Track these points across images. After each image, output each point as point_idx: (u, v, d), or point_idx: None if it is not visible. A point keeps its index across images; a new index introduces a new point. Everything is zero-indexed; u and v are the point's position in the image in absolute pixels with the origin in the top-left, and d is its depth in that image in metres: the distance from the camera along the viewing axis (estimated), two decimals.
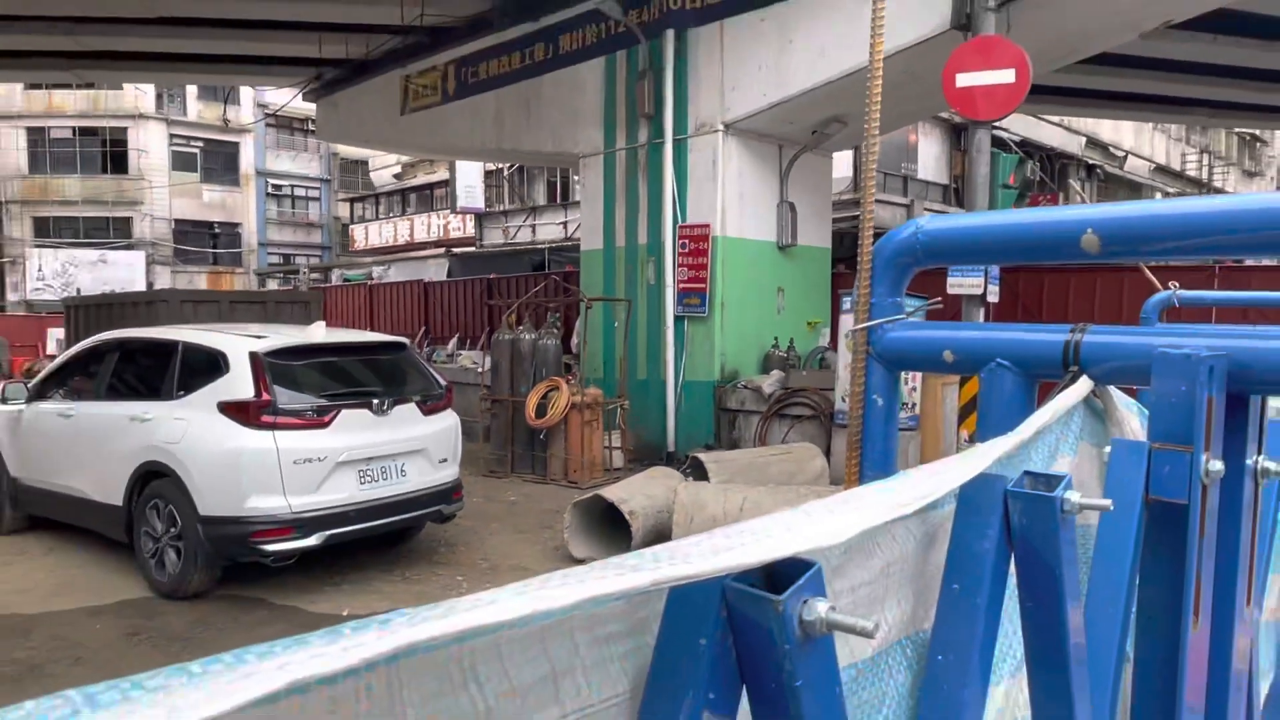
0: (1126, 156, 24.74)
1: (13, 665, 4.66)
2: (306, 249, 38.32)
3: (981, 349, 1.29)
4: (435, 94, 13.58)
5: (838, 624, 0.55)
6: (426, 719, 0.45)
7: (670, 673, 0.55)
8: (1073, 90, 14.57)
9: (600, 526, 6.80)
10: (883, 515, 0.60)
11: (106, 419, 6.26)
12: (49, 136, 33.69)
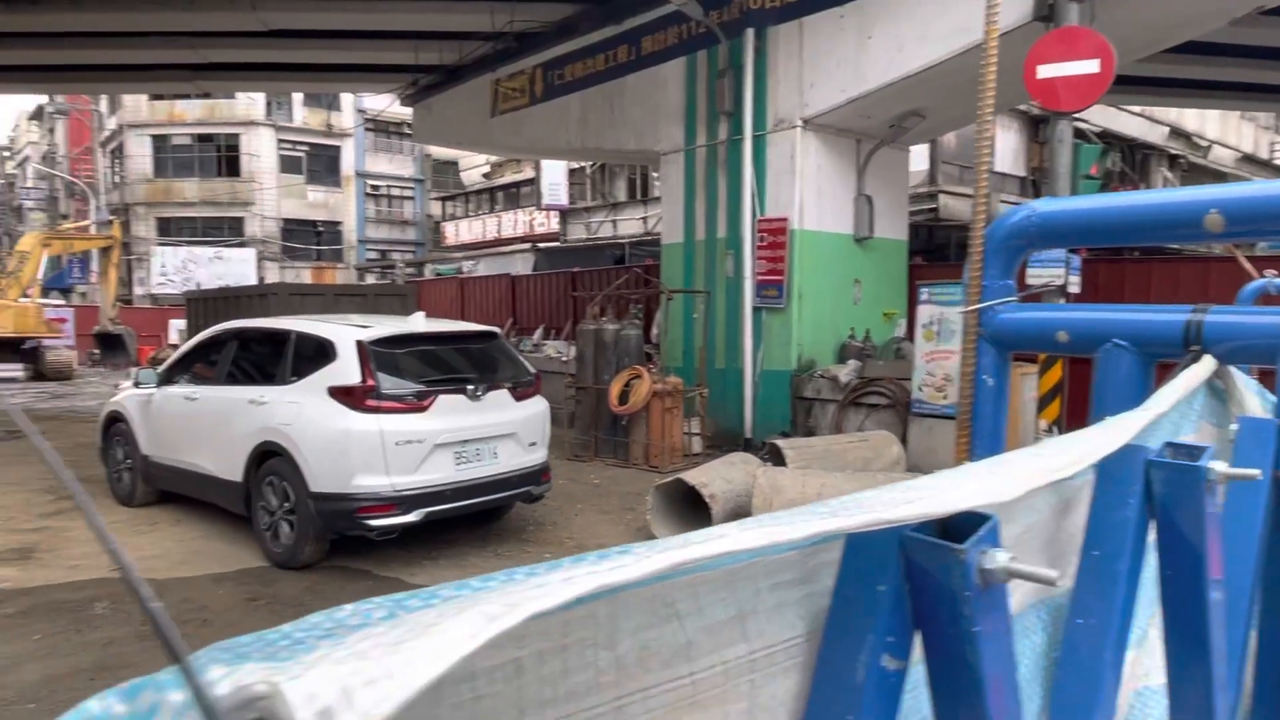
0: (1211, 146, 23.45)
1: (146, 624, 4.88)
2: (402, 245, 39.20)
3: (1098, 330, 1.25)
4: (523, 96, 13.73)
5: (1019, 572, 0.54)
6: (639, 648, 0.47)
7: (849, 616, 0.56)
8: (1157, 80, 13.89)
9: (680, 509, 6.81)
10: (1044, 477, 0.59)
11: (227, 402, 6.46)
12: (171, 143, 35.21)
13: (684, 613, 0.49)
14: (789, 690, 0.57)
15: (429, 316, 7.04)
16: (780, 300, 10.02)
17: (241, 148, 35.21)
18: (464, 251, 32.53)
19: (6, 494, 7.99)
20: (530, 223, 28.97)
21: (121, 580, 0.34)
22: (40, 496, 7.86)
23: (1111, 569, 0.79)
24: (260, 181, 35.16)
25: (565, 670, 0.43)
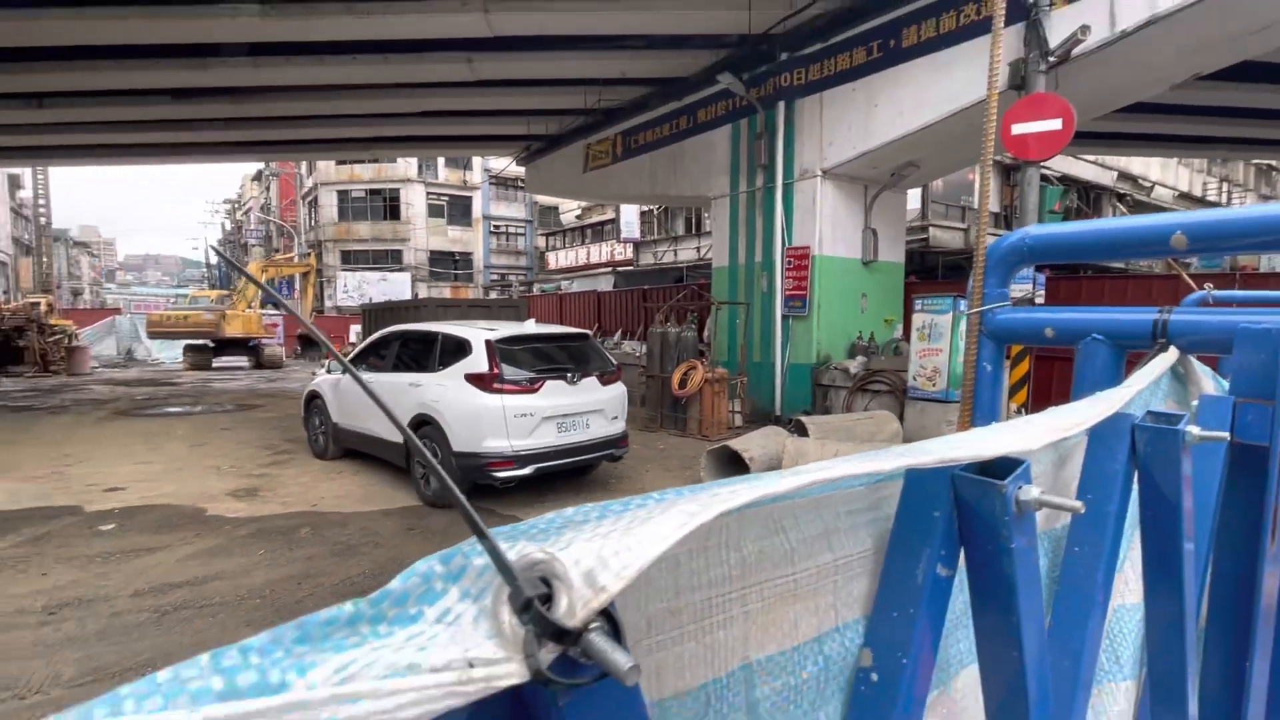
0: (1154, 186, 22.18)
1: (338, 545, 5.00)
2: (515, 269, 39.78)
3: (1079, 326, 1.20)
4: (608, 157, 13.77)
5: (1048, 503, 0.53)
6: (757, 552, 0.47)
7: (910, 535, 0.55)
8: (1109, 134, 13.18)
9: (727, 468, 6.76)
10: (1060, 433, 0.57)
11: (393, 384, 6.58)
12: (350, 196, 36.35)
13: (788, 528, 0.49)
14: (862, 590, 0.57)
15: (538, 322, 7.12)
16: (803, 310, 9.85)
17: (401, 199, 36.16)
18: (561, 274, 32.89)
19: (239, 449, 8.35)
20: (611, 252, 29.09)
21: (459, 507, 0.36)
22: (262, 452, 8.18)
23: (1102, 510, 0.76)
24: (413, 223, 36.07)
25: (706, 565, 0.44)
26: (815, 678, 0.52)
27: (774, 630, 0.49)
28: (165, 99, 12.30)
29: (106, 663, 3.30)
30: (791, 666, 0.51)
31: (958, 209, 17.70)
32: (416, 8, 9.16)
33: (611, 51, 10.62)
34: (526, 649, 0.32)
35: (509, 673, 0.31)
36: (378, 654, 0.30)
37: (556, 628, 0.32)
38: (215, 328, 20.56)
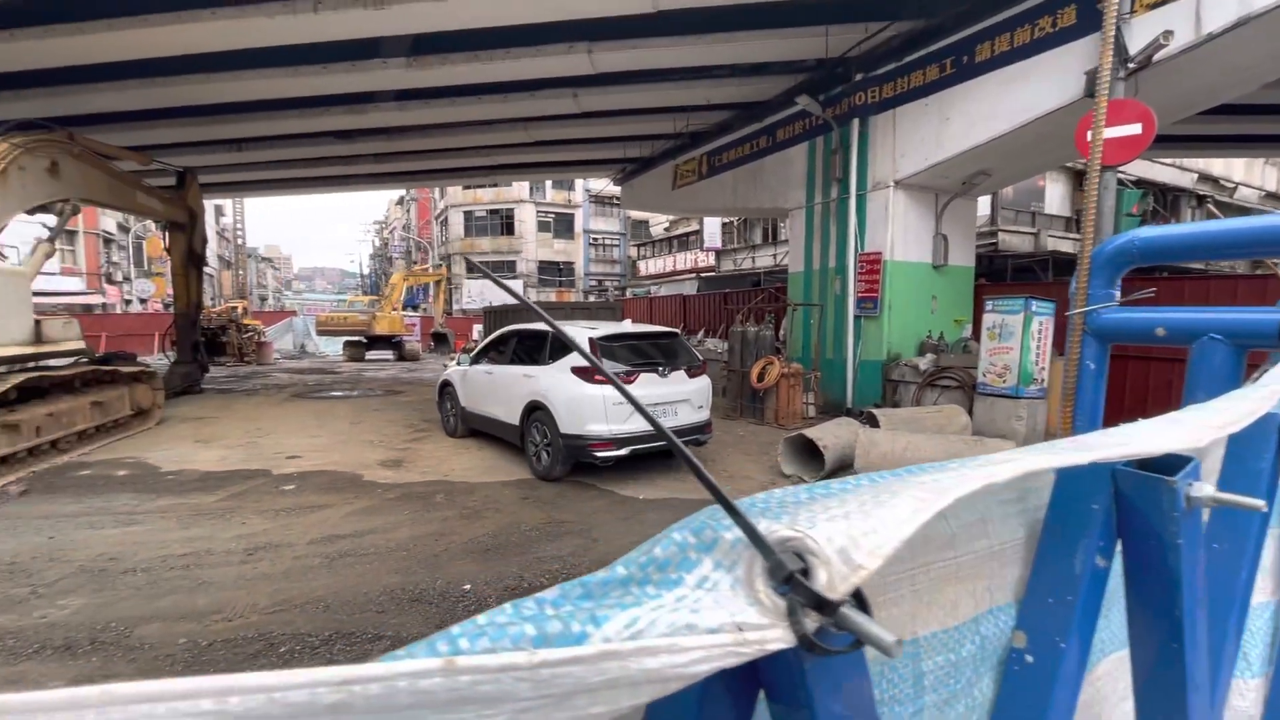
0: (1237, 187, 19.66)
1: (466, 509, 5.19)
2: (610, 276, 40.33)
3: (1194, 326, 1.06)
4: (694, 175, 13.67)
5: (1225, 500, 0.47)
6: (923, 536, 0.44)
7: (1065, 525, 0.50)
8: (1190, 136, 11.81)
9: (801, 455, 6.57)
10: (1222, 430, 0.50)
11: (510, 375, 6.79)
12: (474, 216, 38.02)
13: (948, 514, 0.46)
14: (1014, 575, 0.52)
15: (634, 322, 7.17)
16: (875, 311, 9.42)
17: (515, 216, 37.45)
18: (651, 279, 33.03)
19: (387, 427, 8.89)
20: (695, 260, 28.93)
21: (707, 488, 0.37)
22: (404, 430, 8.66)
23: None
24: (525, 237, 37.27)
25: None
26: (973, 655, 0.49)
27: (937, 610, 0.46)
28: (331, 140, 13.26)
29: (290, 596, 3.59)
30: (952, 644, 0.47)
31: (1027, 214, 16.40)
32: (531, 53, 9.40)
33: (698, 81, 10.52)
34: (790, 617, 0.32)
35: (776, 638, 0.32)
36: (656, 614, 0.30)
37: (819, 599, 0.32)
38: (367, 327, 22.01)
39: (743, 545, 0.33)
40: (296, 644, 3.08)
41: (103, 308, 28.94)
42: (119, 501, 5.30)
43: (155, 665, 2.87)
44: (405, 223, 49.45)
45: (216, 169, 14.92)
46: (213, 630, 3.20)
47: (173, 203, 11.47)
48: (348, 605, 3.50)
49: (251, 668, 2.88)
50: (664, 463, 6.78)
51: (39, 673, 2.80)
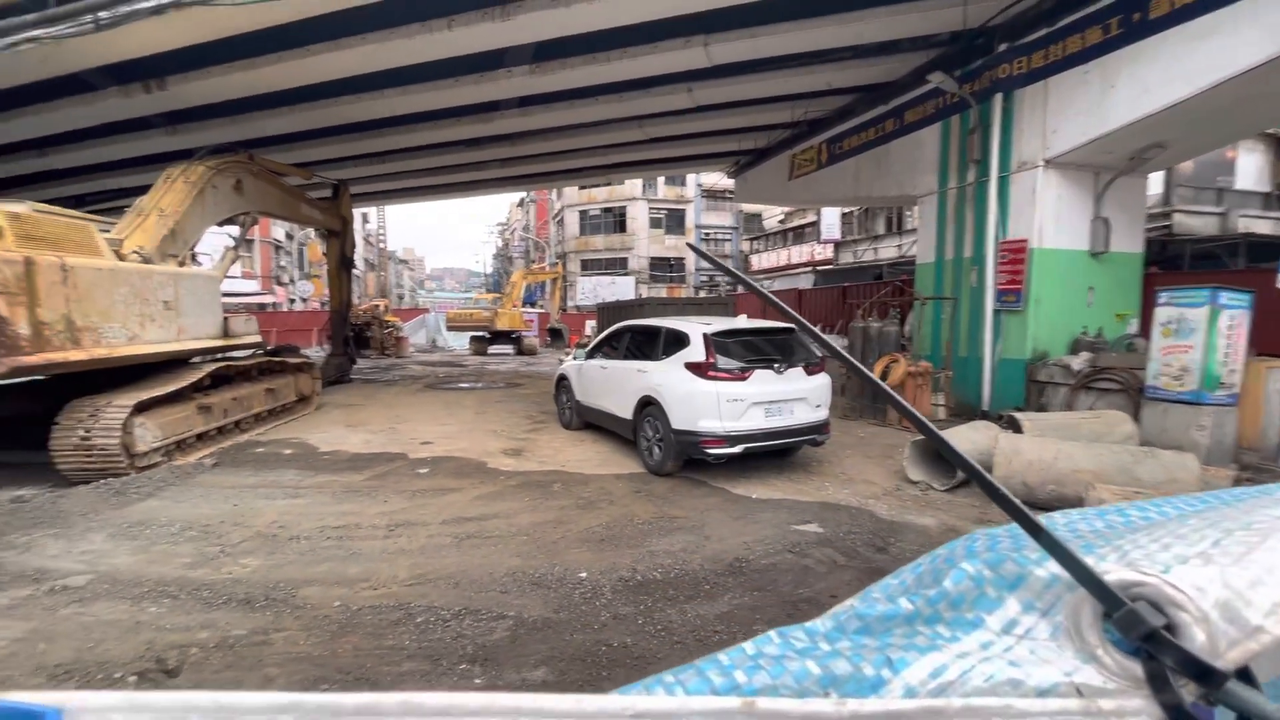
0: None
1: (581, 499, 5.35)
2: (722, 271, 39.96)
3: None
4: (812, 164, 13.18)
5: None
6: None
7: None
8: None
9: (929, 460, 6.12)
10: None
11: (624, 370, 6.89)
12: (589, 215, 39.25)
13: None
14: None
15: (749, 318, 7.03)
16: (1018, 304, 8.56)
17: (628, 214, 38.20)
18: (763, 274, 32.30)
19: (509, 417, 9.41)
20: (811, 252, 27.92)
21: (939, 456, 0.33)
22: (524, 421, 9.11)
23: None
24: (637, 234, 37.89)
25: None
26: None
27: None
28: (461, 148, 14.24)
29: (426, 570, 3.91)
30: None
31: (1211, 191, 14.14)
32: (647, 50, 9.51)
33: (819, 65, 10.10)
34: (1154, 685, 0.26)
35: (1136, 710, 0.26)
36: (965, 662, 0.27)
37: (1201, 666, 0.25)
38: (490, 323, 23.46)
39: (1062, 585, 0.28)
40: (430, 616, 3.34)
41: (273, 306, 33.19)
42: (286, 476, 6.05)
43: (315, 623, 3.25)
44: (525, 224, 52.08)
45: (364, 180, 16.55)
46: (361, 596, 3.56)
47: (329, 212, 12.89)
48: (474, 583, 3.75)
49: (393, 634, 3.18)
50: (777, 462, 6.61)
51: (226, 620, 3.26)
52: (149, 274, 6.37)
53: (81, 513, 4.86)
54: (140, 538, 4.40)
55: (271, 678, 2.77)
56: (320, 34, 8.65)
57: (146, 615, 3.31)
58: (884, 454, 7.04)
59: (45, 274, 5.05)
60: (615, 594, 3.63)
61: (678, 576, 3.88)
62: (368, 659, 2.92)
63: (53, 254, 5.22)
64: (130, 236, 6.98)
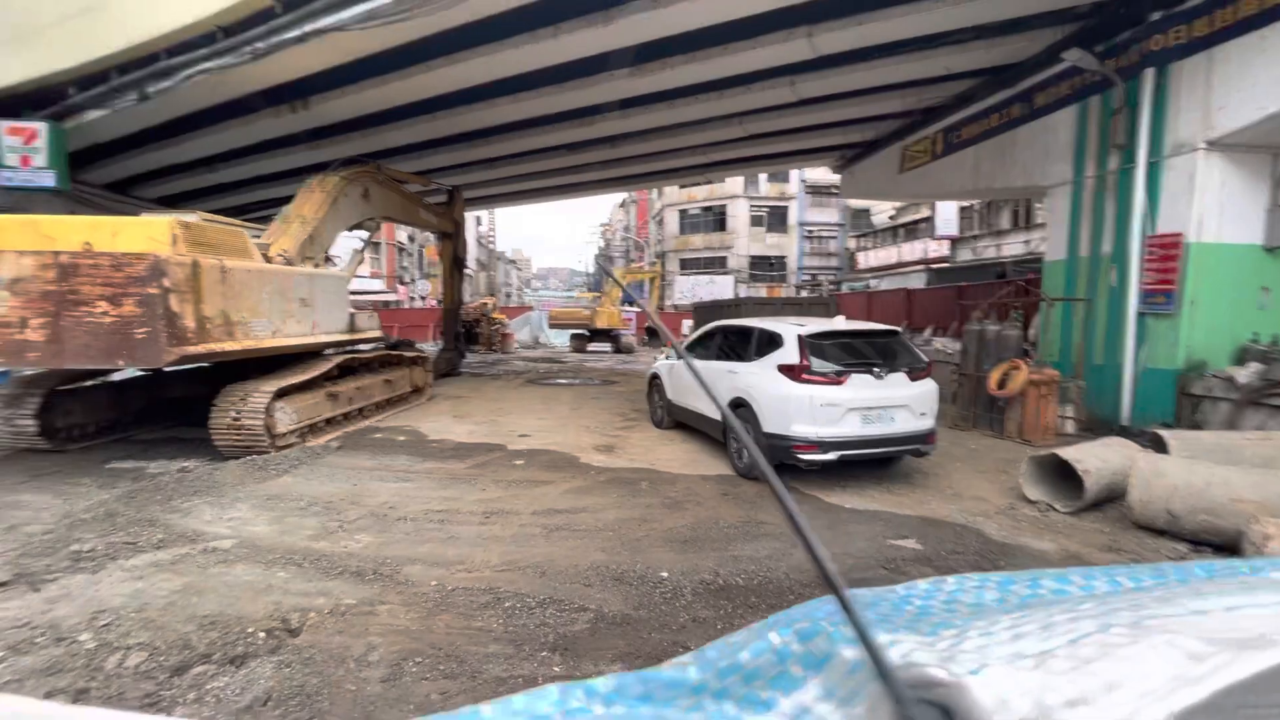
0: None
1: (668, 499, 5.36)
2: (826, 270, 38.52)
3: None
4: (925, 156, 12.38)
5: None
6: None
7: None
8: None
9: (1052, 478, 5.55)
10: None
11: (715, 370, 6.79)
12: (688, 214, 39.25)
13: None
14: None
15: (847, 319, 6.74)
16: (1168, 306, 7.56)
17: (728, 212, 37.81)
18: (871, 273, 30.79)
19: (602, 414, 9.63)
20: (924, 249, 26.24)
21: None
22: (616, 418, 9.27)
23: None
24: (737, 233, 37.41)
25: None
26: None
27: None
28: (563, 152, 14.74)
29: (515, 558, 4.10)
30: None
31: None
32: (747, 45, 9.36)
33: (935, 49, 9.47)
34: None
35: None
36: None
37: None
38: (590, 321, 24.14)
39: (866, 673, 0.25)
40: (517, 602, 3.49)
41: (395, 304, 36.06)
42: (399, 461, 6.56)
43: (414, 599, 3.50)
44: (626, 224, 52.97)
45: (475, 185, 17.55)
46: (456, 578, 3.79)
47: (443, 216, 13.81)
48: (560, 574, 3.87)
49: (482, 616, 3.35)
50: (876, 472, 6.28)
51: (340, 590, 3.60)
52: (289, 274, 7.14)
53: (231, 484, 5.54)
54: (275, 509, 4.95)
55: (374, 646, 3.02)
56: (438, 50, 9.27)
57: (276, 579, 3.72)
58: (998, 468, 6.49)
59: (208, 274, 5.80)
60: (695, 596, 3.62)
61: (761, 583, 3.80)
62: (458, 638, 3.10)
63: (214, 257, 5.98)
64: (276, 241, 7.85)
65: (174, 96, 9.63)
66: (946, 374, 9.51)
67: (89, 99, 10.19)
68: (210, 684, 2.71)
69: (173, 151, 12.77)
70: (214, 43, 8.86)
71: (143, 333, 5.24)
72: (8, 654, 2.88)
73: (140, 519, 4.64)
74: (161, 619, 3.22)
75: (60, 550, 4.00)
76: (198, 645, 3.01)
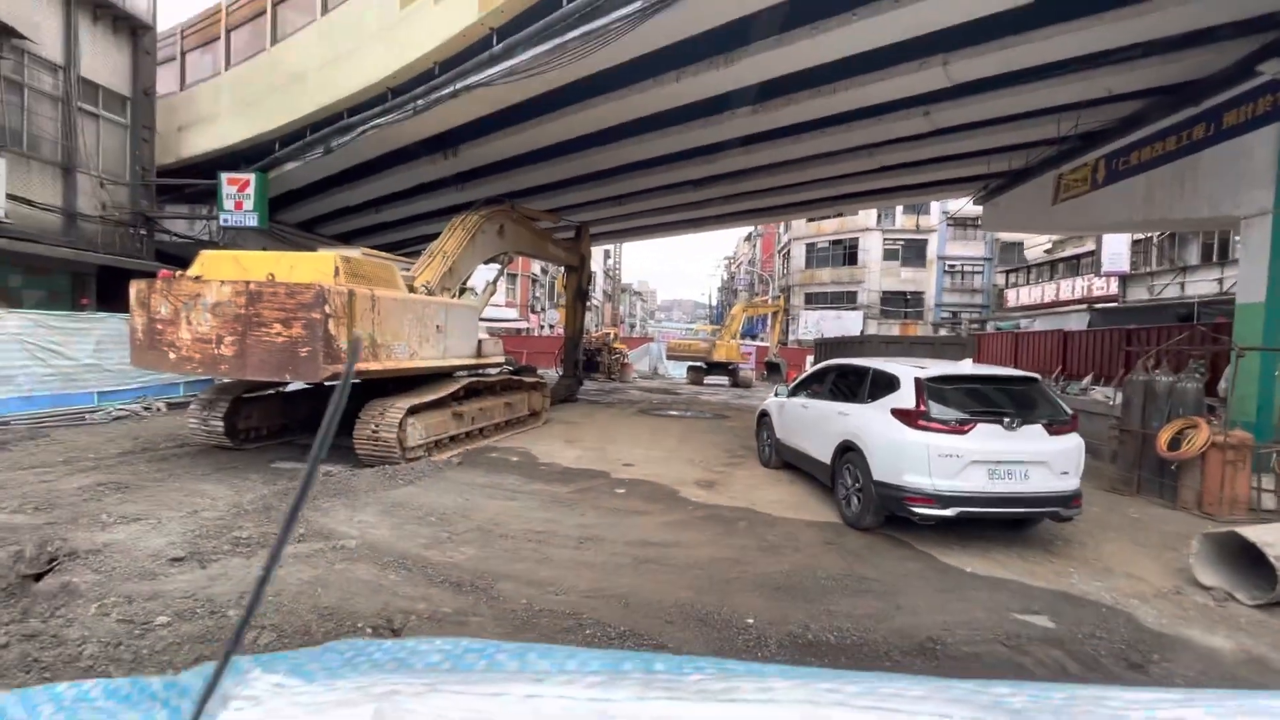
0: None
1: (765, 542, 5.19)
2: (969, 307, 35.64)
3: None
4: (1083, 185, 11.16)
5: None
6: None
7: None
8: None
9: (1233, 561, 4.65)
10: None
11: (826, 410, 6.57)
12: (816, 247, 38.30)
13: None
14: None
15: (983, 362, 6.20)
16: None
17: (859, 246, 36.42)
18: (1021, 312, 27.97)
19: (709, 449, 9.55)
20: (1087, 287, 23.43)
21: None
22: (723, 454, 9.14)
23: None
24: (868, 266, 35.84)
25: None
26: None
27: None
28: (687, 188, 15.09)
29: (602, 586, 4.16)
30: None
31: None
32: (876, 77, 9.10)
33: (1094, 70, 8.61)
34: None
35: None
36: None
37: None
38: (707, 354, 24.16)
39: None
40: (598, 630, 3.55)
41: (527, 331, 38.46)
42: (508, 480, 6.95)
43: (504, 615, 3.67)
44: (750, 257, 52.69)
45: (603, 220, 18.45)
46: (544, 599, 3.93)
47: (570, 250, 14.64)
48: (644, 607, 3.88)
49: (562, 640, 3.44)
50: (1006, 535, 5.66)
51: (439, 597, 3.86)
52: (428, 303, 7.93)
53: (364, 490, 6.17)
54: (396, 515, 5.44)
55: None
56: (570, 98, 10.00)
57: (387, 581, 4.08)
58: (1164, 544, 5.57)
59: (361, 302, 6.61)
60: (780, 648, 3.46)
61: (854, 644, 3.55)
62: None
63: (366, 287, 6.81)
64: (421, 274, 8.77)
65: (351, 148, 11.21)
66: (1104, 429, 8.38)
67: (288, 153, 12.14)
68: None
69: (347, 195, 14.79)
70: (384, 102, 10.23)
71: (305, 351, 6.07)
72: (174, 620, 3.41)
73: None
74: (291, 605, 3.65)
75: (225, 535, 4.69)
76: (315, 633, 3.37)
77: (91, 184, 11.90)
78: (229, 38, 13.77)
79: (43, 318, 9.58)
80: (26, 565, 4.04)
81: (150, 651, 3.07)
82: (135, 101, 12.61)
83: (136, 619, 3.38)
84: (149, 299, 6.54)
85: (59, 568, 4.05)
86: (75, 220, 11.57)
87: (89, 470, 6.58)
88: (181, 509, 5.34)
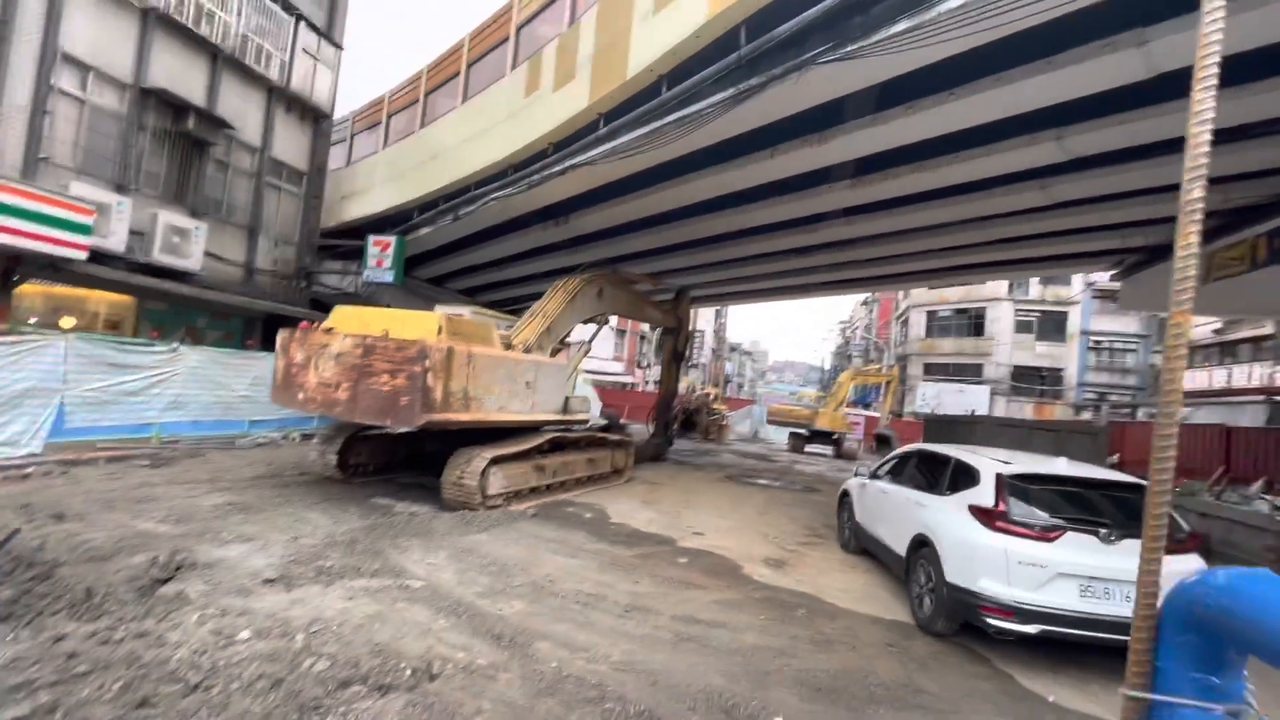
0: None
1: (819, 635, 4.90)
2: (1119, 389, 31.79)
3: None
4: (1242, 263, 9.89)
5: None
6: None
7: None
8: None
9: None
10: None
11: (903, 498, 6.23)
12: (937, 316, 36.26)
13: None
14: None
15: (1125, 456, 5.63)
16: None
17: (986, 316, 34.05)
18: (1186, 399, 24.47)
19: (788, 524, 9.19)
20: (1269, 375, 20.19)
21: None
22: (801, 531, 8.78)
23: None
24: (997, 339, 33.27)
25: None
26: None
27: None
28: (789, 256, 15.13)
29: (634, 660, 4.18)
30: None
31: None
32: (982, 152, 8.82)
33: (1242, 142, 7.79)
34: None
35: None
36: None
37: None
38: (810, 421, 23.33)
39: None
40: (617, 706, 3.57)
41: (631, 385, 39.35)
42: (575, 537, 7.15)
43: (531, 676, 3.80)
44: (866, 323, 50.76)
45: (704, 284, 18.83)
46: (574, 664, 4.02)
47: (668, 313, 15.07)
48: (670, 689, 3.85)
49: (578, 712, 3.51)
50: (1111, 662, 4.95)
51: (478, 648, 4.08)
52: (519, 361, 8.54)
53: (441, 532, 6.64)
54: (463, 561, 5.80)
55: (480, 711, 3.37)
56: (669, 174, 10.59)
57: (436, 625, 4.37)
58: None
59: (458, 359, 7.29)
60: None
61: None
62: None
63: (464, 344, 7.51)
64: (520, 332, 9.48)
65: (475, 216, 12.52)
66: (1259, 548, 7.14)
67: (423, 219, 13.75)
68: (358, 703, 3.31)
69: (471, 256, 16.37)
70: (505, 177, 11.40)
71: (405, 400, 6.77)
72: (253, 637, 3.89)
73: (370, 549, 5.85)
74: (350, 636, 4.03)
75: (313, 562, 5.26)
76: (363, 666, 3.70)
77: (268, 243, 14.16)
78: (389, 122, 16.08)
79: (217, 354, 11.39)
80: (159, 570, 4.81)
81: (226, 663, 3.53)
82: (310, 176, 14.99)
83: (224, 631, 3.89)
84: (289, 345, 7.64)
85: (180, 575, 4.76)
86: (253, 273, 13.77)
87: (225, 490, 7.65)
88: (287, 533, 6.06)
